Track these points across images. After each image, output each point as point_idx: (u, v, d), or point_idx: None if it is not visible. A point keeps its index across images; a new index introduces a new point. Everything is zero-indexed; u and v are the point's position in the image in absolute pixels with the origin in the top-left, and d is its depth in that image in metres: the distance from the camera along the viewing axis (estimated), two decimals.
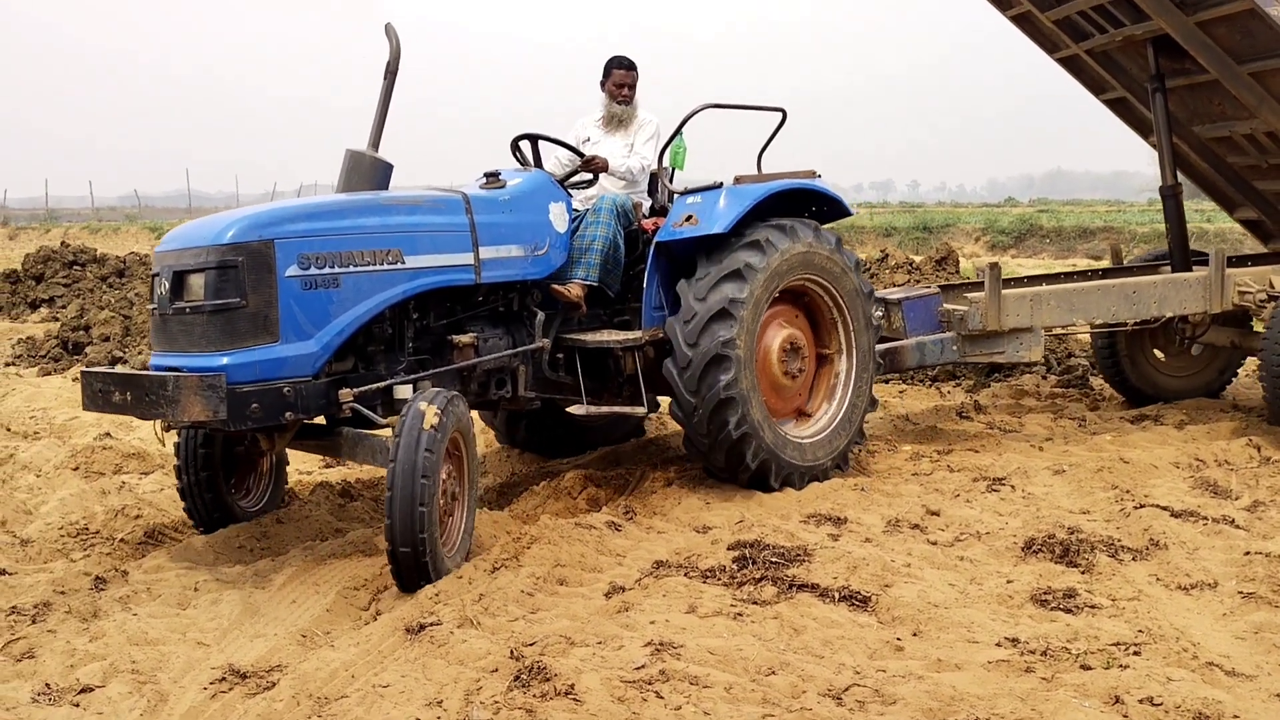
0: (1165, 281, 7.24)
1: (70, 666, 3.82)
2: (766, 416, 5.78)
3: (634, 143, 6.43)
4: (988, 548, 4.98)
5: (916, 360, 6.87)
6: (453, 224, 5.30)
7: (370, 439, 4.87)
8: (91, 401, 4.78)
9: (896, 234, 27.14)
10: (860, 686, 3.56)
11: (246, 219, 4.70)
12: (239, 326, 4.56)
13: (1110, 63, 7.96)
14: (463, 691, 3.59)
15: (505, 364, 5.61)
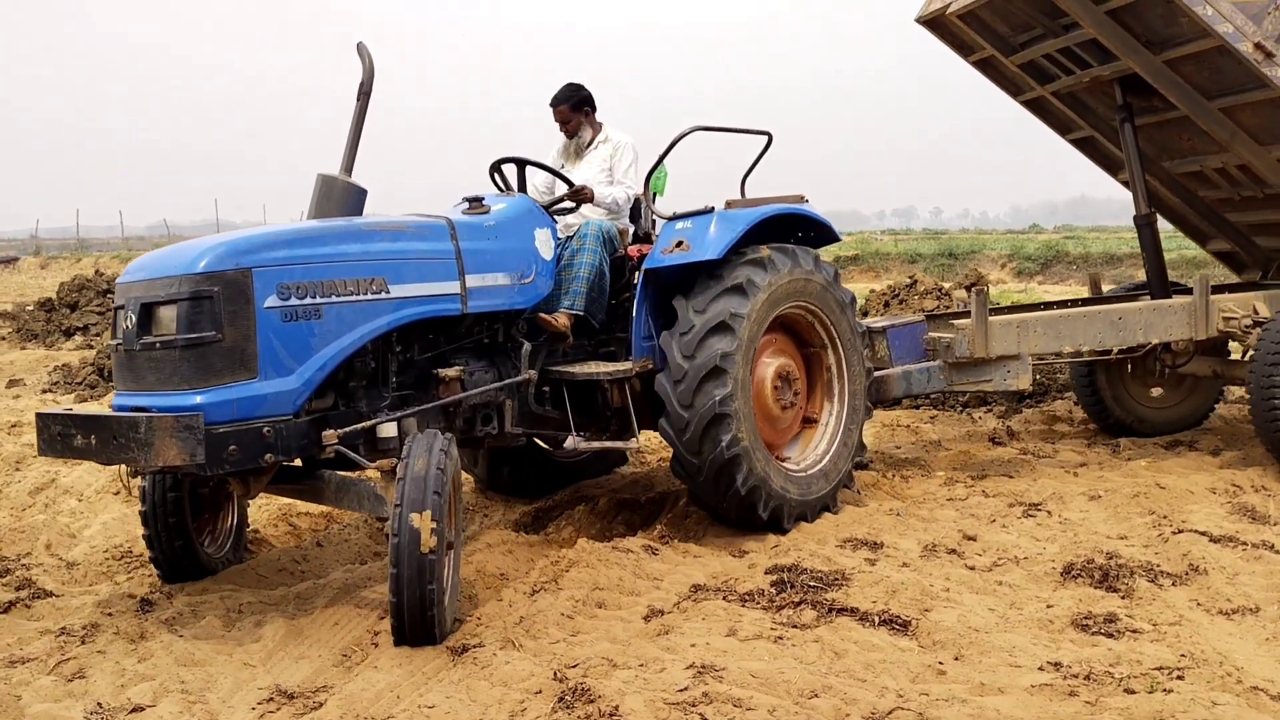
0: (1151, 308, 7.19)
1: (121, 686, 3.88)
2: (759, 442, 5.56)
3: (611, 169, 6.22)
4: (1026, 573, 4.97)
5: (903, 390, 6.70)
6: (438, 251, 5.02)
7: (358, 484, 4.58)
8: (49, 446, 4.37)
9: (921, 260, 27.09)
10: (904, 710, 3.57)
11: (222, 246, 4.38)
12: (214, 362, 4.23)
13: (1076, 103, 7.91)
14: (507, 713, 3.62)
15: (491, 398, 5.32)
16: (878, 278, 26.04)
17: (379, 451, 4.63)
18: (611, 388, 5.70)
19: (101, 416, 4.23)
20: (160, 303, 4.30)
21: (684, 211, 5.84)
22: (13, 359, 14.22)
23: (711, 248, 5.53)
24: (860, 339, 6.15)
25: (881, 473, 6.93)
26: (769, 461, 5.58)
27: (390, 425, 4.70)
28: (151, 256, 4.66)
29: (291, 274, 4.42)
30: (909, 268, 25.34)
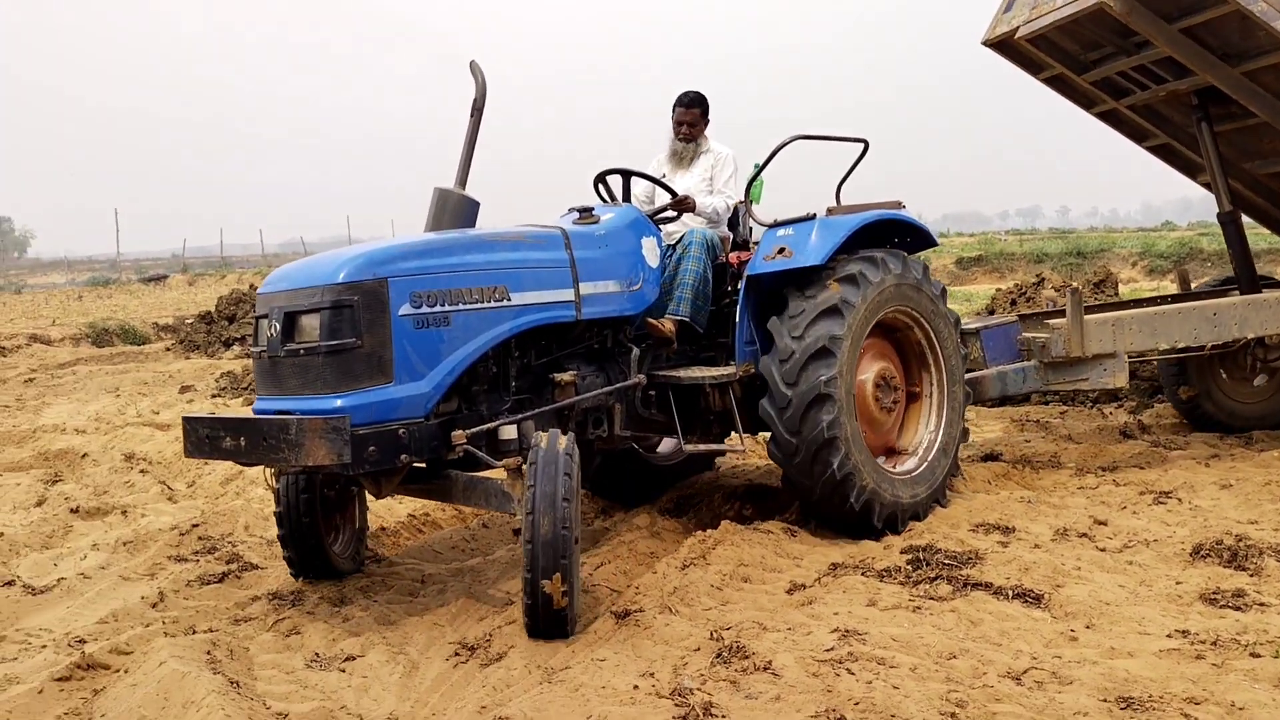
0: (1246, 303, 7.16)
1: (332, 640, 4.44)
2: (867, 455, 5.62)
3: (712, 179, 6.32)
4: (1156, 554, 5.17)
5: (999, 390, 6.73)
6: (554, 260, 5.19)
7: (486, 482, 4.73)
8: (197, 449, 4.58)
9: (1048, 259, 26.70)
10: (1038, 670, 3.86)
11: (361, 257, 4.55)
12: (355, 368, 4.41)
13: (1151, 113, 7.86)
14: (670, 666, 4.03)
15: (602, 402, 5.46)
16: (1002, 278, 25.77)
17: (501, 452, 4.77)
18: (713, 392, 5.79)
19: (251, 420, 4.39)
20: (303, 311, 4.48)
21: (785, 219, 5.95)
22: (180, 368, 15.33)
23: (813, 254, 5.62)
24: (955, 328, 6.18)
25: (1012, 464, 7.14)
26: (877, 471, 5.64)
27: (511, 427, 4.85)
28: (292, 267, 4.85)
29: (423, 283, 4.60)
30: (1035, 267, 25.02)
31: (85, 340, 18.75)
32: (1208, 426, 7.99)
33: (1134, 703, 3.53)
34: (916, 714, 3.50)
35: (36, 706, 3.88)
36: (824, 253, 5.63)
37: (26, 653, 4.46)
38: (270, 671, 4.12)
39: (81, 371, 14.92)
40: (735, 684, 3.84)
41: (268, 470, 4.95)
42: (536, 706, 3.67)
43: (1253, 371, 7.87)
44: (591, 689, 3.82)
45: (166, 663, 3.89)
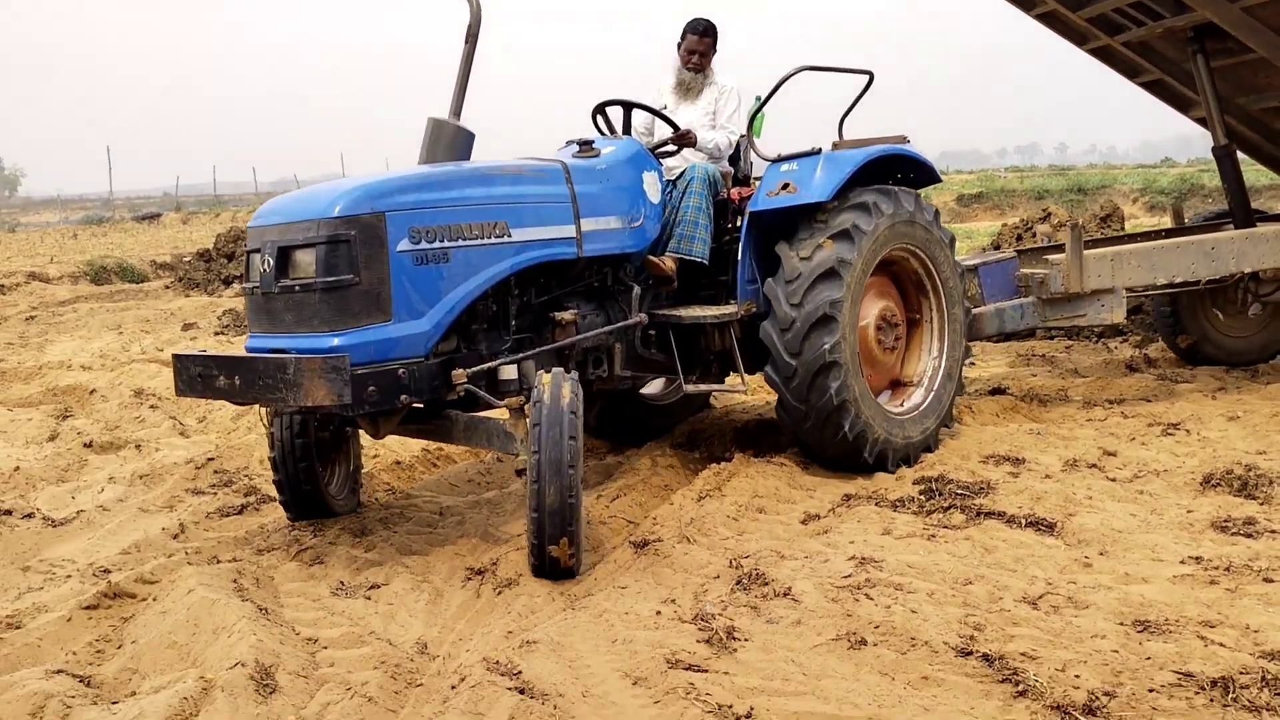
0: (1243, 237, 7.13)
1: (356, 570, 4.49)
2: (865, 387, 5.51)
3: (715, 113, 6.13)
4: (1166, 483, 5.23)
5: (995, 327, 6.64)
6: (555, 194, 5.04)
7: (487, 423, 4.65)
8: (189, 387, 4.48)
9: (1049, 196, 26.57)
10: (1054, 595, 3.92)
11: (356, 190, 4.38)
12: (352, 305, 4.28)
13: (1146, 49, 7.76)
14: (691, 593, 4.10)
15: (602, 342, 5.36)
16: (1003, 215, 25.67)
17: (501, 392, 4.71)
18: (714, 331, 5.68)
19: (247, 358, 4.28)
20: (298, 246, 4.34)
21: (789, 153, 5.76)
22: (180, 305, 15.29)
23: (819, 190, 5.47)
24: (960, 278, 6.09)
25: (1019, 398, 7.18)
26: (874, 406, 5.56)
27: (511, 367, 4.78)
28: (284, 200, 4.72)
29: (422, 218, 4.46)
30: (1037, 204, 24.91)
31: (84, 278, 18.68)
32: (1195, 361, 8.02)
33: (1151, 626, 3.59)
34: (936, 637, 3.57)
35: (67, 634, 3.93)
36: (830, 188, 5.49)
37: (52, 582, 4.52)
38: (297, 599, 4.18)
39: (82, 309, 14.88)
40: (756, 609, 3.90)
41: (263, 411, 4.85)
42: (562, 631, 3.73)
43: (1245, 306, 7.85)
44: (615, 614, 3.88)
45: (195, 590, 3.94)
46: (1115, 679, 3.24)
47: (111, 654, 3.72)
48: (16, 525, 5.27)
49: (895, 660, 3.46)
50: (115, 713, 3.20)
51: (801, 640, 3.64)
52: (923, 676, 3.35)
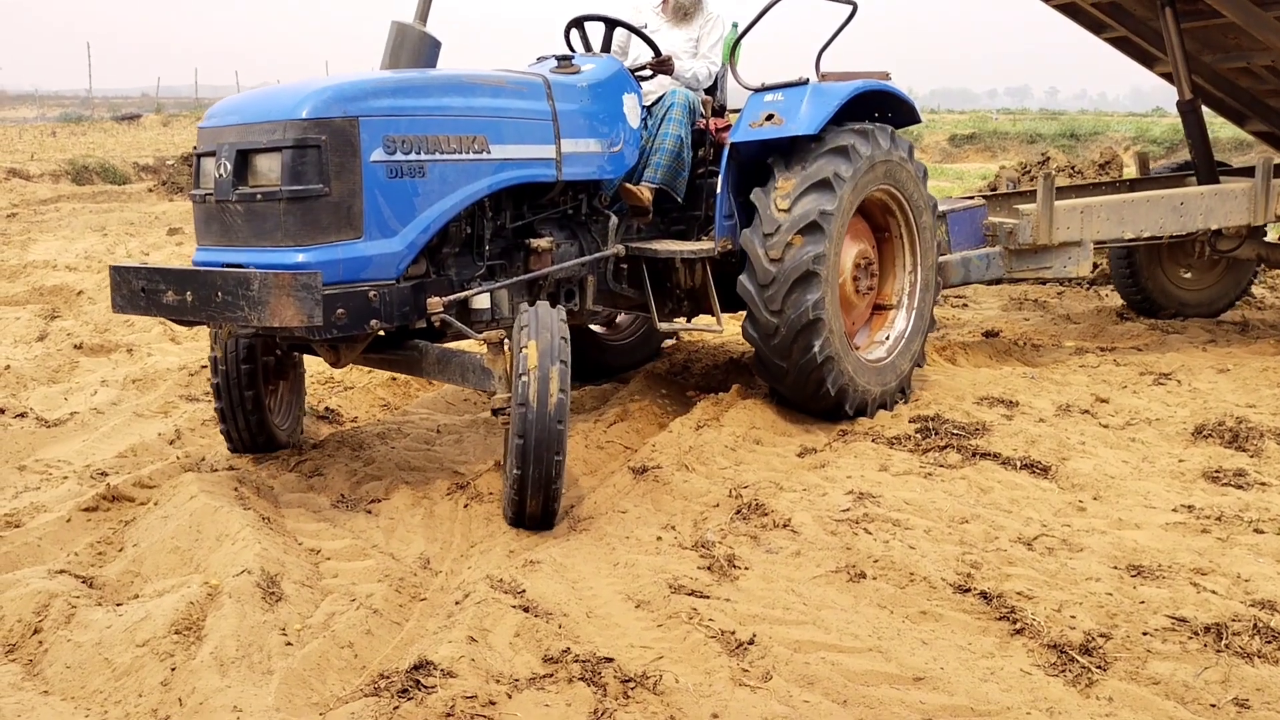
0: (1212, 193, 7.11)
1: (356, 483, 4.50)
2: (844, 340, 5.29)
3: (699, 40, 5.83)
4: (1158, 432, 5.28)
5: (961, 277, 6.44)
6: (536, 111, 4.69)
7: (462, 356, 4.29)
8: (129, 303, 4.04)
9: (1042, 140, 26.46)
10: (1048, 536, 3.97)
11: (327, 90, 3.99)
12: (320, 218, 3.91)
13: (1114, 8, 7.66)
14: (691, 520, 4.13)
15: (575, 273, 5.03)
16: (994, 157, 25.59)
17: (473, 322, 4.43)
18: (685, 267, 5.41)
19: (202, 272, 3.87)
20: (260, 150, 3.95)
21: (773, 83, 5.44)
22: (164, 209, 15.08)
23: (806, 123, 5.17)
24: (934, 215, 5.85)
25: (1012, 342, 7.22)
26: (854, 359, 5.36)
27: (484, 297, 4.48)
28: (243, 99, 4.30)
29: (397, 126, 4.10)
30: (1029, 148, 24.83)
31: (65, 177, 18.35)
32: (1150, 313, 8.05)
33: (1144, 570, 3.65)
34: (934, 573, 3.62)
35: (66, 535, 3.93)
36: (818, 121, 5.19)
37: (49, 483, 4.50)
38: (298, 510, 4.18)
39: (65, 209, 14.65)
40: (756, 539, 3.94)
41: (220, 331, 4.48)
42: (564, 553, 3.76)
43: (1200, 259, 7.85)
44: (616, 538, 3.92)
45: (197, 497, 3.93)
46: (1110, 621, 3.30)
47: (113, 556, 3.73)
48: (10, 424, 5.23)
49: (894, 594, 3.51)
50: (121, 614, 3.21)
51: (801, 571, 3.69)
52: (921, 611, 3.40)
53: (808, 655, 3.09)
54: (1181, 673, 3.00)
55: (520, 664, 2.97)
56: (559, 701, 2.79)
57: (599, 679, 2.88)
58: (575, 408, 5.62)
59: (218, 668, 2.89)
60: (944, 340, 7.17)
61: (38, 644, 3.15)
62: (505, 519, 4.02)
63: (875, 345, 5.73)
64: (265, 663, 2.98)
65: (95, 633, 3.11)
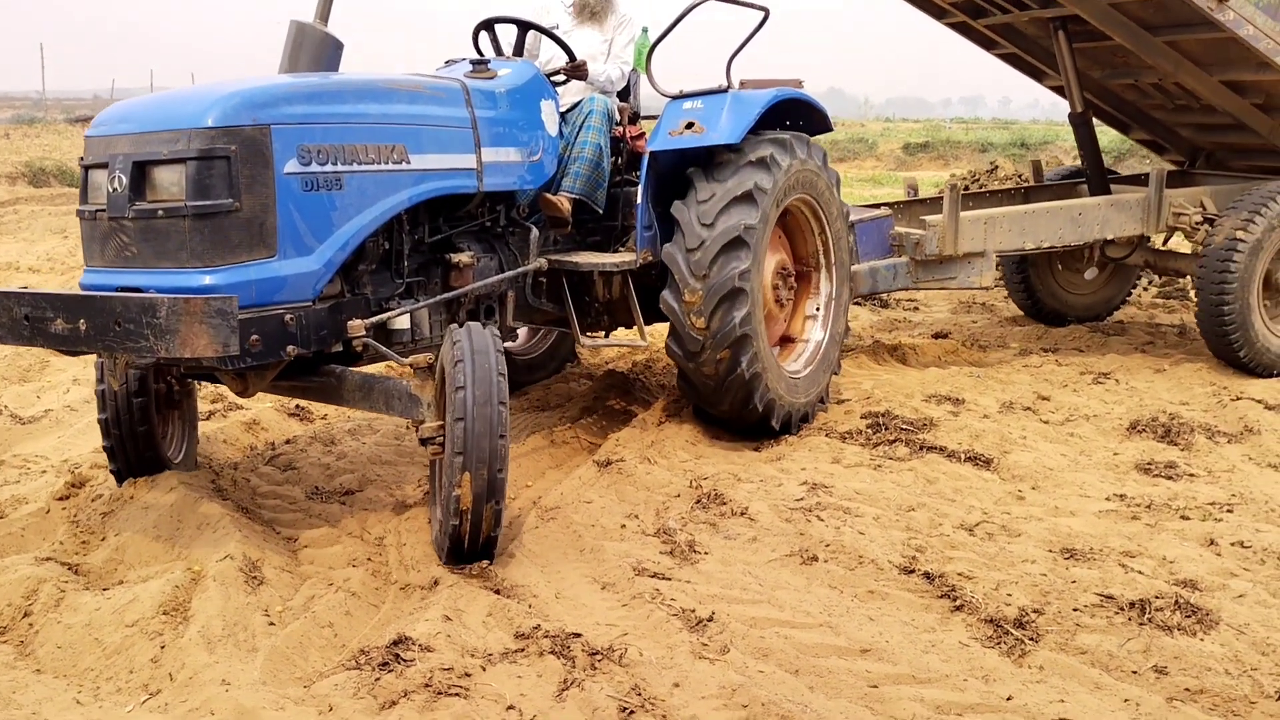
0: (1108, 203, 7.32)
1: (329, 476, 4.66)
2: (770, 354, 5.21)
3: (611, 42, 5.65)
4: (1095, 427, 5.56)
5: (869, 286, 6.40)
6: (456, 118, 4.47)
7: (387, 383, 3.97)
8: (10, 332, 3.58)
9: (993, 149, 26.98)
10: (989, 523, 4.22)
11: (234, 96, 3.68)
12: (230, 236, 3.60)
13: (1007, 29, 7.89)
14: (654, 509, 4.33)
15: (494, 289, 4.81)
16: (946, 165, 26.03)
17: (393, 344, 4.22)
18: (603, 280, 5.26)
19: (97, 298, 3.44)
20: (160, 161, 3.61)
21: (691, 90, 5.34)
22: None
23: (727, 132, 5.08)
24: (847, 224, 5.82)
25: (961, 342, 7.49)
26: (779, 373, 5.26)
27: (405, 317, 4.26)
28: (139, 104, 3.93)
29: (312, 134, 3.83)
30: (980, 157, 25.32)
31: (22, 179, 18.22)
32: (1042, 318, 8.34)
33: (1077, 553, 3.91)
34: (881, 556, 3.85)
35: (48, 525, 4.06)
36: (739, 130, 5.09)
37: (28, 476, 4.62)
38: (274, 501, 4.34)
39: (24, 211, 14.57)
40: (715, 526, 4.15)
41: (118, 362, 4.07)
42: (534, 540, 3.95)
43: (1088, 265, 8.05)
44: (583, 526, 4.11)
45: (177, 488, 4.07)
46: (1043, 598, 3.54)
47: (96, 545, 3.86)
48: None
49: (844, 575, 3.73)
50: (109, 597, 3.35)
51: (757, 555, 3.90)
52: (869, 591, 3.63)
53: (763, 631, 3.30)
54: (1107, 644, 3.25)
55: (493, 640, 3.15)
56: (530, 673, 2.98)
57: (568, 652, 3.07)
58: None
59: (205, 645, 3.05)
60: (895, 340, 7.43)
61: (28, 626, 3.29)
62: (439, 554, 3.72)
63: (795, 358, 5.65)
64: (250, 640, 3.14)
65: (85, 615, 3.26)
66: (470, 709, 2.76)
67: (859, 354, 7.09)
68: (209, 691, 2.83)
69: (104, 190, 3.69)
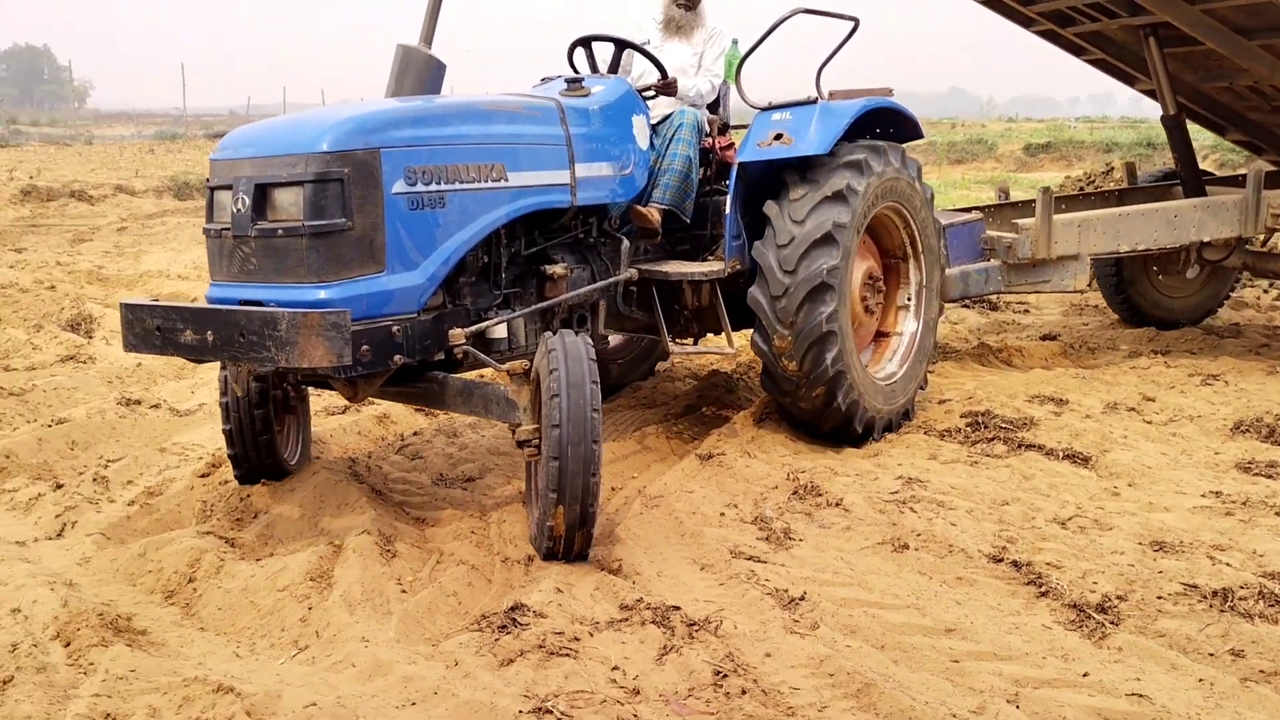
0: (1204, 205, 7.21)
1: (453, 464, 5.03)
2: (855, 355, 5.29)
3: (701, 55, 5.80)
4: (1199, 428, 5.59)
5: (960, 291, 6.43)
6: (551, 136, 4.64)
7: (485, 388, 4.17)
8: (142, 342, 3.92)
9: (1118, 149, 26.31)
10: (1081, 518, 4.34)
11: (348, 122, 3.93)
12: (344, 254, 3.82)
13: (1097, 36, 7.81)
14: (751, 499, 4.57)
15: (586, 299, 4.95)
16: (1070, 166, 25.48)
17: (492, 353, 4.38)
18: (693, 289, 5.40)
19: (224, 311, 3.76)
20: (280, 184, 3.85)
21: (780, 102, 5.45)
22: None
23: (816, 143, 5.18)
24: (939, 237, 5.87)
25: (1069, 344, 7.52)
26: (864, 374, 5.35)
27: (502, 327, 4.45)
28: (258, 130, 4.20)
29: (418, 156, 4.04)
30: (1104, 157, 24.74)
31: (168, 193, 19.37)
32: (1139, 322, 8.24)
33: (1166, 546, 4.01)
34: (971, 545, 4.02)
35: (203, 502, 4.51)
36: (828, 141, 5.21)
37: (186, 462, 5.11)
38: (404, 486, 4.73)
39: (170, 222, 15.57)
40: (810, 515, 4.38)
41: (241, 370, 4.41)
42: (639, 525, 4.24)
43: (1185, 268, 7.95)
44: (684, 513, 4.37)
45: (319, 473, 4.49)
46: (1128, 586, 3.67)
47: (249, 522, 4.29)
48: (146, 413, 5.87)
49: (934, 563, 3.92)
50: (263, 565, 3.77)
51: (850, 543, 4.12)
52: (957, 577, 3.81)
53: (852, 610, 3.52)
54: (1186, 628, 3.37)
55: (600, 610, 3.45)
56: (633, 639, 3.26)
57: (667, 623, 3.35)
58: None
59: (347, 608, 3.42)
60: (1001, 342, 7.50)
61: (192, 590, 3.71)
62: (538, 551, 3.91)
63: (883, 364, 5.72)
64: (385, 605, 3.51)
65: (241, 580, 3.67)
66: (579, 668, 3.05)
67: (964, 355, 7.21)
68: (350, 647, 3.20)
69: (228, 210, 3.95)
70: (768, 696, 2.95)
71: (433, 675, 3.01)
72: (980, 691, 3.02)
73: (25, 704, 2.85)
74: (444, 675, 3.02)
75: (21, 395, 6.08)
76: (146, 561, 3.88)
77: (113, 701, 2.88)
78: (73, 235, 14.23)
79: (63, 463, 5.09)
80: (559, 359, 3.80)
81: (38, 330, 7.92)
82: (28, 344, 7.50)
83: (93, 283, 10.14)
